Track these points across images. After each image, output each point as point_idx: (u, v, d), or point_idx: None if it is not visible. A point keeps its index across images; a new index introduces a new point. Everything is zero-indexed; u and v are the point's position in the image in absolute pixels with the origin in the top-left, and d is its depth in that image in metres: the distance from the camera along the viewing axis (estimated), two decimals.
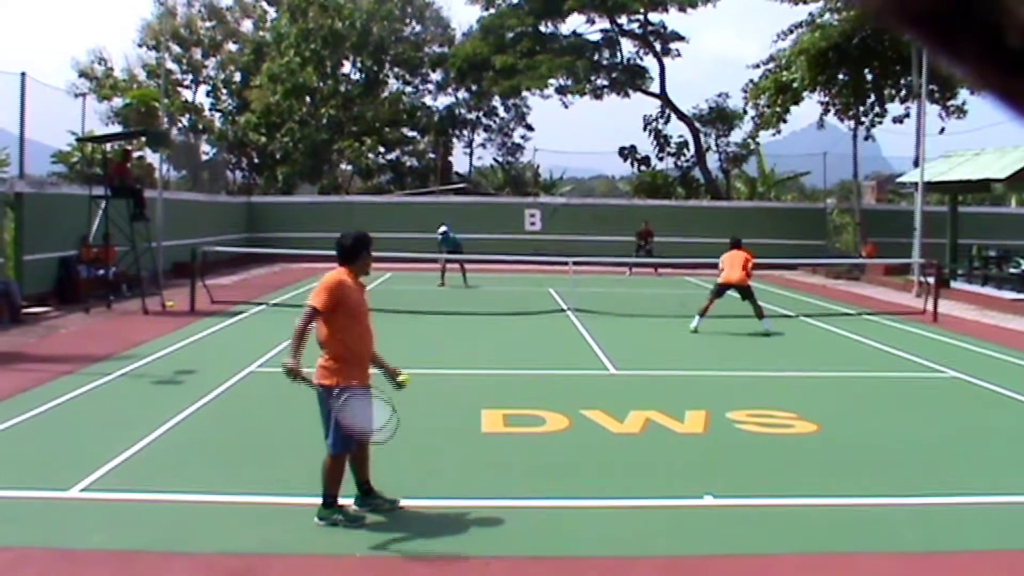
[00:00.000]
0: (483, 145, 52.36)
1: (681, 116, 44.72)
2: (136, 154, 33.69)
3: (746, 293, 17.28)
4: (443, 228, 26.75)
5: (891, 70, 33.14)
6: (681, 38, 44.64)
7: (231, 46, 49.58)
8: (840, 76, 33.29)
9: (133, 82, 46.40)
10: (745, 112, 41.30)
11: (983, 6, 0.73)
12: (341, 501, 6.58)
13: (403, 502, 6.89)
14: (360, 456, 6.72)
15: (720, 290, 17.54)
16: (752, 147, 43.82)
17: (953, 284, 25.33)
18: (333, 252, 6.86)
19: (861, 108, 34.86)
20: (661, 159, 45.67)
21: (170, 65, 46.22)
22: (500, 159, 52.56)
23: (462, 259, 25.96)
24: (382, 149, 48.08)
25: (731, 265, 17.38)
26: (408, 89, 50.17)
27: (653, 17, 43.85)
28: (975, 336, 17.14)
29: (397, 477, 7.64)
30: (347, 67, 48.79)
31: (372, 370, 6.79)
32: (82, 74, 46.33)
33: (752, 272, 17.49)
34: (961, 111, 34.69)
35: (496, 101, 49.66)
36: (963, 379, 12.77)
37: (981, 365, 13.90)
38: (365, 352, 6.77)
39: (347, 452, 6.55)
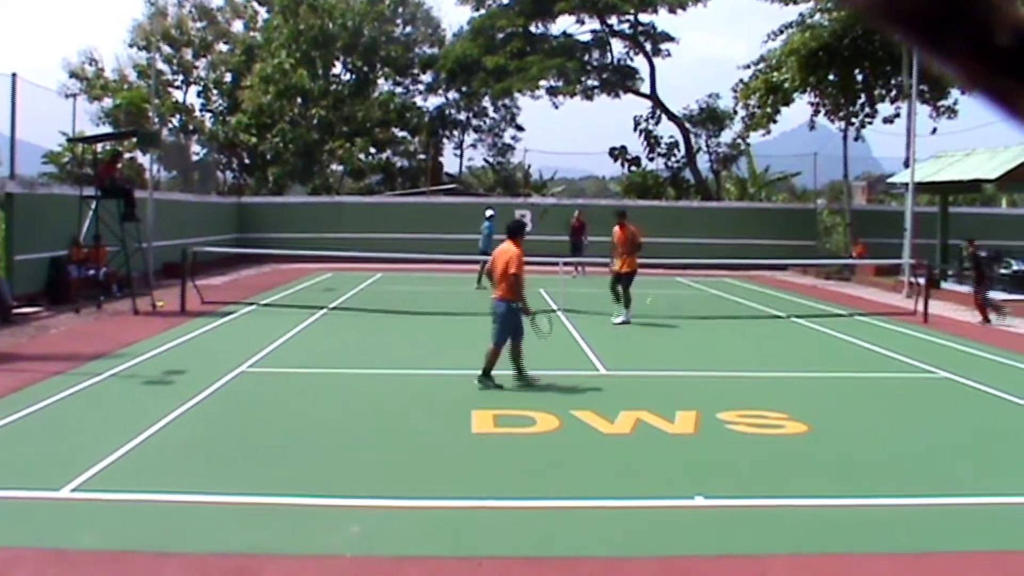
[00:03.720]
0: (473, 145, 52.33)
1: (671, 117, 44.77)
2: (127, 155, 33.67)
3: (629, 279, 17.01)
4: (490, 212, 25.90)
5: (881, 70, 33.20)
6: (671, 39, 44.75)
7: (222, 46, 49.44)
8: (830, 76, 33.34)
9: (124, 83, 46.26)
10: (735, 113, 41.39)
11: (973, 5, 0.73)
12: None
13: (394, 502, 6.92)
14: (495, 353, 11.58)
15: (619, 279, 17.23)
16: (742, 148, 43.90)
17: (943, 285, 25.38)
18: (324, 252, 6.90)
19: (851, 108, 34.94)
20: (651, 160, 45.71)
21: (161, 66, 46.10)
22: (491, 160, 52.55)
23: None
24: (373, 150, 48.01)
25: (628, 250, 17.06)
26: (398, 90, 50.13)
27: (643, 18, 43.99)
28: (965, 337, 17.19)
29: (388, 477, 7.64)
30: (338, 68, 48.76)
31: None
32: (73, 75, 46.18)
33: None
34: (952, 112, 34.80)
35: (486, 102, 49.60)
36: (954, 379, 12.81)
37: (971, 365, 13.94)
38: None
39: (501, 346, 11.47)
